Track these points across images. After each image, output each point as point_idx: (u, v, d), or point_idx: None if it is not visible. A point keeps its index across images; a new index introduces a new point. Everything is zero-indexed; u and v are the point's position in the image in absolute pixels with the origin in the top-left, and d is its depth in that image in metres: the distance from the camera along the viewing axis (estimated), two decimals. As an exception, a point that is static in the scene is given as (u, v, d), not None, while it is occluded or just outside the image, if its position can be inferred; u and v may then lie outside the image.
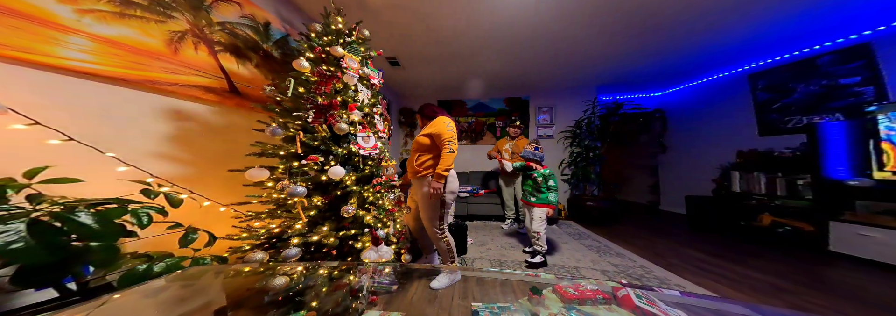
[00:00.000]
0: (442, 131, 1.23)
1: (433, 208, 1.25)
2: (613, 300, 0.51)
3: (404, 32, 2.15)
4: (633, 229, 2.67)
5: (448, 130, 1.23)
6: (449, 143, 1.21)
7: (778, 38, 2.23)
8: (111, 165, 0.82)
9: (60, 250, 0.47)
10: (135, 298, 0.40)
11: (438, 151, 1.25)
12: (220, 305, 0.44)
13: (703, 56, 2.61)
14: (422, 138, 1.29)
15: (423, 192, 1.26)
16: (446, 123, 1.26)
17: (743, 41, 2.28)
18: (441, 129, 1.24)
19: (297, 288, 0.55)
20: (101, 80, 0.88)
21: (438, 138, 1.24)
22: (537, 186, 1.75)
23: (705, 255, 1.91)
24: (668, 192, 3.70)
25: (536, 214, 1.74)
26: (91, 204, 0.57)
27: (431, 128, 1.28)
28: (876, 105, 1.83)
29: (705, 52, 2.53)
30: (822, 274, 1.59)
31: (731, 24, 2.00)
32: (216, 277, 0.56)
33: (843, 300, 1.26)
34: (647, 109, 3.89)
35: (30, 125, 0.66)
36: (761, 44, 2.33)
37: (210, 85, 1.22)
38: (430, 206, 1.24)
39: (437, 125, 1.26)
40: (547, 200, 1.72)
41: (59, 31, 0.79)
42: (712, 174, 2.88)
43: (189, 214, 0.86)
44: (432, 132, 1.26)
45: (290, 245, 0.90)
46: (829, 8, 1.81)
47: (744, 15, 1.89)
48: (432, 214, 1.26)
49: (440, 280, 0.74)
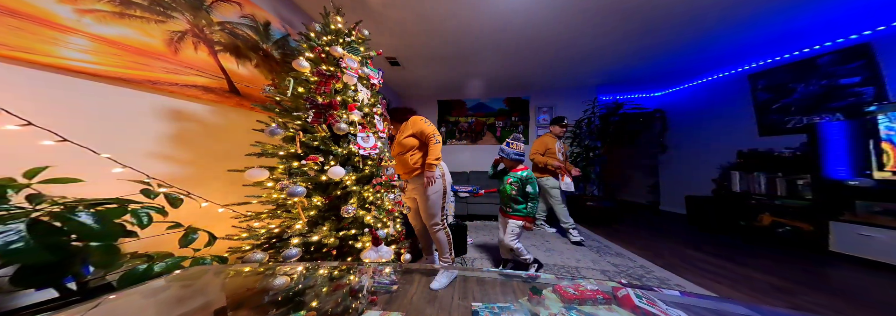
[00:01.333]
0: (424, 128, 1.31)
1: (434, 202, 1.32)
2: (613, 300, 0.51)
3: (404, 32, 2.15)
4: (633, 229, 2.67)
5: (429, 126, 1.32)
6: (434, 136, 1.30)
7: (778, 38, 2.23)
8: (111, 166, 0.82)
9: (61, 250, 0.47)
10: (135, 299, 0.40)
11: (426, 147, 1.33)
12: (220, 306, 0.44)
13: (703, 56, 2.61)
14: (408, 140, 1.34)
15: (421, 185, 1.31)
16: (424, 120, 1.34)
17: (743, 41, 2.28)
18: (422, 126, 1.31)
19: (296, 288, 0.55)
20: (102, 80, 0.88)
21: (423, 135, 1.31)
22: (516, 192, 1.42)
23: (705, 255, 1.91)
24: (668, 192, 3.70)
25: (510, 227, 1.43)
26: (91, 204, 0.57)
27: (412, 128, 1.34)
28: (876, 105, 1.83)
29: (705, 52, 2.53)
30: (823, 274, 1.59)
31: (731, 24, 2.00)
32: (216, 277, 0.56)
33: (843, 300, 1.26)
34: (648, 109, 3.89)
35: (23, 126, 0.66)
36: (761, 44, 2.33)
37: (210, 85, 1.22)
38: (430, 200, 1.31)
39: (417, 124, 1.33)
40: (523, 212, 1.40)
41: (59, 30, 0.79)
42: (712, 174, 2.88)
43: (189, 215, 0.86)
44: (415, 132, 1.33)
45: (290, 245, 0.90)
46: (828, 8, 1.81)
47: (743, 15, 1.89)
48: (433, 209, 1.33)
49: (439, 281, 0.74)
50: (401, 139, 1.36)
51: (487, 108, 3.99)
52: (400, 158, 1.38)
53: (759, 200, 2.35)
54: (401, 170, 1.41)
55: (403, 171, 1.41)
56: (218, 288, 0.52)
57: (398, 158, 1.39)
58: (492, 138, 3.95)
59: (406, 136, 1.34)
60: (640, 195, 4.15)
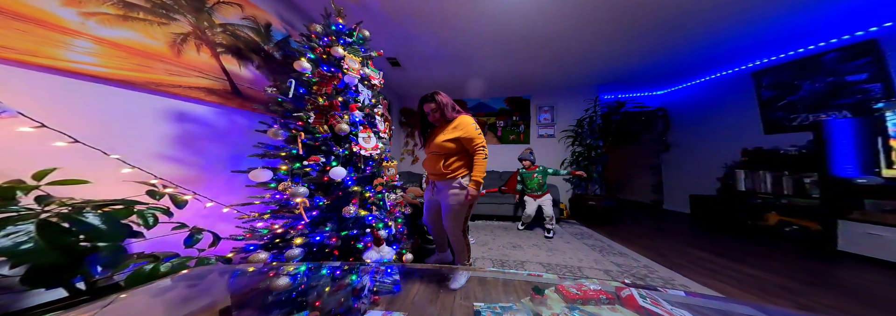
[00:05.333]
0: (473, 135, 1.14)
1: (461, 212, 1.20)
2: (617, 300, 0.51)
3: (406, 33, 2.15)
4: (636, 229, 2.65)
5: (478, 134, 1.15)
6: (482, 148, 1.14)
7: (782, 36, 2.20)
8: (116, 167, 0.83)
9: (69, 251, 0.47)
10: (142, 298, 0.40)
11: (466, 153, 1.19)
12: (224, 305, 0.44)
13: (705, 54, 2.59)
14: (447, 143, 1.15)
15: (452, 194, 1.17)
16: (474, 126, 1.16)
17: (746, 39, 2.25)
18: (471, 132, 1.14)
19: (300, 288, 0.55)
20: (106, 82, 0.89)
21: (469, 143, 1.15)
22: (542, 180, 2.41)
23: (710, 254, 1.89)
24: (672, 191, 3.67)
25: (548, 201, 2.40)
26: (98, 205, 0.58)
27: (459, 131, 1.15)
28: (884, 102, 1.80)
29: (708, 50, 2.50)
30: (831, 274, 1.56)
31: (735, 21, 1.98)
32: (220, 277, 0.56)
33: (852, 300, 1.24)
34: (650, 108, 3.86)
35: (36, 128, 0.67)
36: (765, 41, 2.30)
37: (212, 86, 1.23)
38: (458, 210, 1.18)
39: (466, 128, 1.15)
40: (546, 189, 2.48)
41: (64, 33, 0.80)
42: (717, 173, 2.85)
43: (194, 215, 0.87)
44: (461, 136, 1.14)
45: (293, 245, 0.91)
46: (833, 4, 1.78)
47: (747, 12, 1.86)
48: (459, 219, 1.21)
49: (458, 281, 0.74)
50: (441, 140, 1.16)
51: (488, 107, 3.98)
52: (433, 157, 1.22)
53: (765, 198, 2.32)
54: (429, 167, 1.25)
55: (432, 170, 1.24)
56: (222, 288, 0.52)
57: (432, 156, 1.23)
58: (493, 138, 3.94)
59: (450, 138, 1.15)
60: (643, 194, 4.12)
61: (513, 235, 2.39)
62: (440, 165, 1.18)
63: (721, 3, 1.76)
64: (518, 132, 3.86)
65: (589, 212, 2.93)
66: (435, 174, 1.24)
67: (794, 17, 1.93)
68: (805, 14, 1.90)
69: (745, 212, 2.40)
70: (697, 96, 3.38)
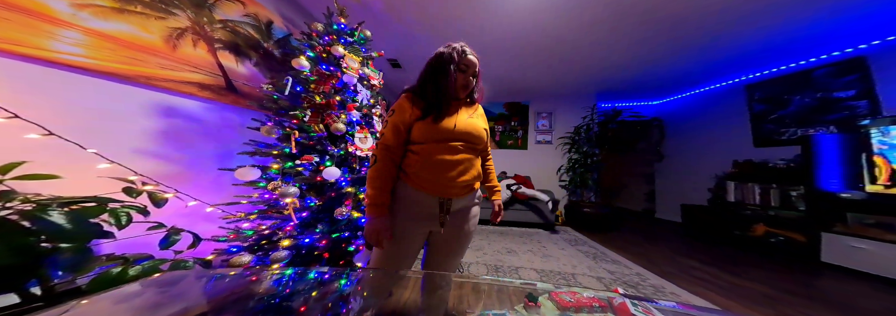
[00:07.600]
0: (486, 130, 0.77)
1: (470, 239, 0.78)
2: (610, 309, 0.50)
3: (407, 34, 2.15)
4: (629, 236, 2.66)
5: None
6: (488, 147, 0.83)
7: (775, 51, 2.27)
8: (94, 162, 0.80)
9: (26, 252, 0.44)
10: (105, 305, 0.37)
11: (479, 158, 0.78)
12: (200, 311, 0.42)
13: (701, 66, 2.65)
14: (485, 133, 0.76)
15: (476, 214, 0.77)
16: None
17: (741, 52, 2.32)
18: (486, 125, 0.79)
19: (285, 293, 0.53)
20: (90, 73, 0.86)
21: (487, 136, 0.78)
22: None
23: (700, 263, 1.91)
24: (664, 200, 3.71)
25: (531, 192, 2.91)
26: (66, 202, 0.54)
27: (485, 120, 0.80)
28: (869, 119, 1.85)
29: (704, 63, 2.57)
30: (814, 284, 1.59)
31: (730, 35, 2.03)
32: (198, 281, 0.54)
33: (833, 311, 1.26)
34: (646, 117, 3.93)
35: (9, 118, 0.64)
36: (759, 55, 2.37)
37: (206, 82, 1.21)
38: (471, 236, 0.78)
39: (484, 117, 0.81)
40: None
41: (53, 24, 0.78)
42: (708, 183, 2.90)
43: (173, 214, 0.84)
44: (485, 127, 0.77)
45: (279, 247, 0.88)
46: (824, 21, 1.85)
47: (742, 27, 1.92)
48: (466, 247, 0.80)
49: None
50: (481, 126, 0.76)
51: (487, 112, 4.00)
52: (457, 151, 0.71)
53: (754, 209, 2.36)
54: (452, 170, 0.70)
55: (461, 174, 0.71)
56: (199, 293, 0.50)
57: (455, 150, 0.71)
58: (491, 143, 3.94)
59: (486, 127, 0.78)
60: (636, 203, 4.16)
61: (508, 240, 2.37)
62: (478, 166, 0.74)
63: (718, 19, 1.81)
64: (516, 137, 3.88)
65: (584, 219, 2.94)
66: (464, 185, 0.69)
67: (787, 32, 1.99)
68: (798, 29, 1.95)
69: (734, 222, 2.44)
70: (692, 107, 3.46)
